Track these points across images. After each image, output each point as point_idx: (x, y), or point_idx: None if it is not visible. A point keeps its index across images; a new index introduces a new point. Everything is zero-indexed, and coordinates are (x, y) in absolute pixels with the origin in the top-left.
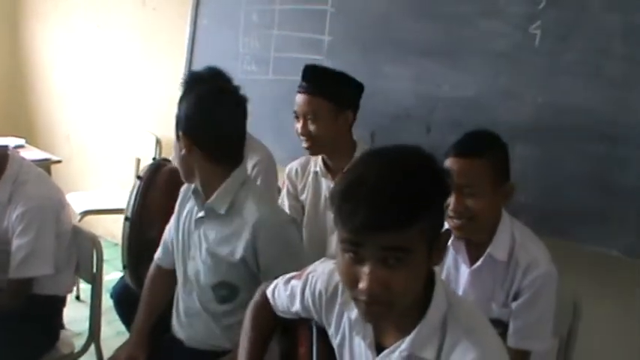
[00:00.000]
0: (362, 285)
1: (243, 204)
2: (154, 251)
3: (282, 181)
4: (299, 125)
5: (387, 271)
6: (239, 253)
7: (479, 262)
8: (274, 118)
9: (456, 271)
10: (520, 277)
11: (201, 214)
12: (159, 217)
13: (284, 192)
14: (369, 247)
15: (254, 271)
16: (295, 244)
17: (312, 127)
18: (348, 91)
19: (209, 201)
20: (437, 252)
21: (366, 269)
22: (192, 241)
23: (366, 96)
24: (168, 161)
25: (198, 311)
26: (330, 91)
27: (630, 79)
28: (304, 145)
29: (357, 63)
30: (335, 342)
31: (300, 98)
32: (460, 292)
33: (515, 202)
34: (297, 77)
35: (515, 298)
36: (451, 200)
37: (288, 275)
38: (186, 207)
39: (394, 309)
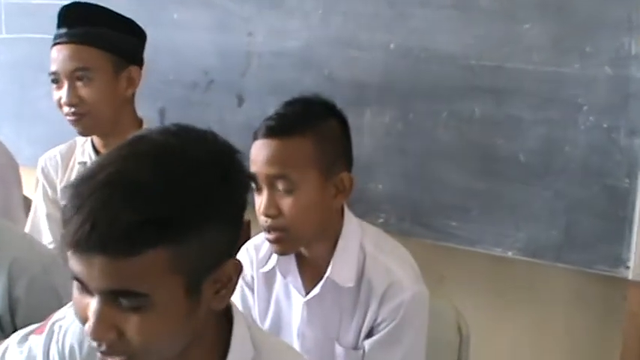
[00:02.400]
0: None
1: None
2: None
3: (36, 182)
4: (62, 92)
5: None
6: None
7: (316, 290)
8: (11, 98)
9: (288, 301)
10: (376, 307)
11: None
12: None
13: (38, 197)
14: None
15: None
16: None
17: (84, 91)
18: (130, 39)
19: None
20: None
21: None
22: None
23: (150, 56)
24: None
25: None
26: (105, 37)
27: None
28: (71, 118)
29: (131, 6)
30: None
31: (60, 53)
32: (293, 330)
33: (366, 195)
34: (42, 34)
35: (369, 335)
36: (261, 200)
37: (24, 331)
38: None
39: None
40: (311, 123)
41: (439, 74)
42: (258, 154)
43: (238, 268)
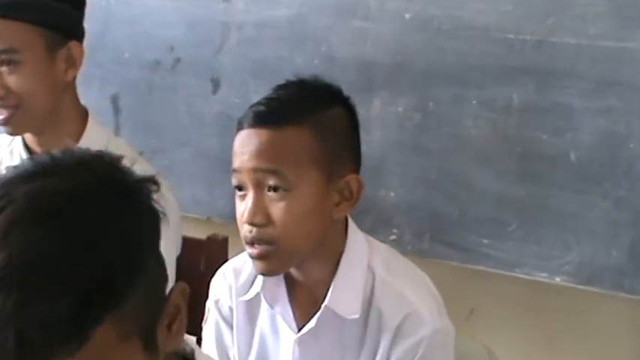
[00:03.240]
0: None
1: None
2: None
3: None
4: None
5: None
6: None
7: (312, 323)
8: None
9: (275, 337)
10: (388, 344)
11: None
12: None
13: None
14: None
15: None
16: None
17: (11, 79)
18: (66, 7)
19: None
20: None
21: None
22: None
23: (97, 27)
24: None
25: None
26: (34, 7)
27: None
28: None
29: None
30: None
31: None
32: None
33: (375, 205)
34: None
35: None
36: (244, 205)
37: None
38: None
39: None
40: (311, 110)
41: (467, 52)
42: (244, 146)
43: (184, 292)
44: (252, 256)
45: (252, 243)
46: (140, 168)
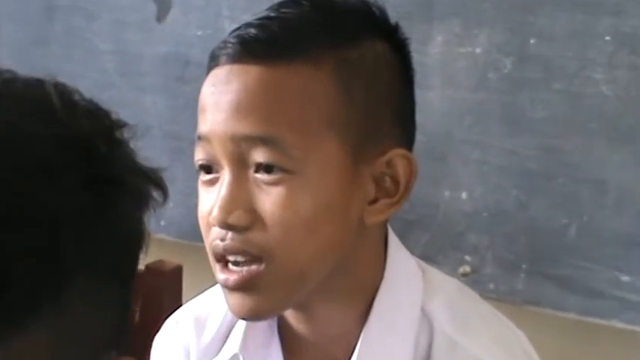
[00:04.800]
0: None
1: None
2: None
3: None
4: None
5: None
6: None
7: None
8: None
9: None
10: None
11: None
12: None
13: None
14: None
15: None
16: None
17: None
18: None
19: None
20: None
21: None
22: None
23: None
24: None
25: None
26: None
27: None
28: None
29: None
30: None
31: None
32: None
33: (432, 214)
34: None
35: None
36: (216, 193)
37: None
38: None
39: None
40: (333, 41)
41: None
42: (219, 95)
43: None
44: (225, 285)
45: (225, 259)
46: None
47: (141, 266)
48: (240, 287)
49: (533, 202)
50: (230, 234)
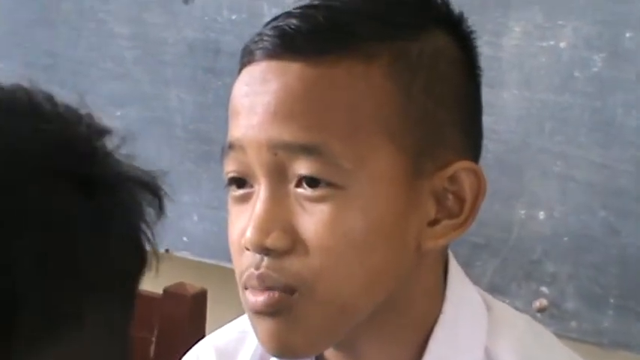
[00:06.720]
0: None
1: None
2: None
3: None
4: None
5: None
6: None
7: None
8: None
9: None
10: None
11: None
12: None
13: None
14: None
15: None
16: None
17: None
18: None
19: None
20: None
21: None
22: None
23: None
24: None
25: None
26: None
27: None
28: None
29: None
30: None
31: None
32: None
33: (502, 238)
34: None
35: None
36: (250, 212)
37: None
38: None
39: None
40: (387, 33)
41: None
42: (254, 97)
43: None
44: (253, 309)
45: (259, 287)
46: None
47: (158, 289)
48: (271, 311)
49: (626, 225)
50: (266, 260)
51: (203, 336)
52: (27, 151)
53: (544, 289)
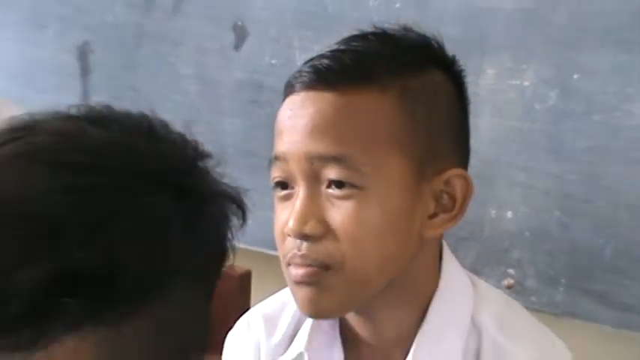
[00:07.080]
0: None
1: None
2: None
3: None
4: None
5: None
6: None
7: None
8: None
9: None
10: None
11: None
12: None
13: None
14: None
15: None
16: None
17: None
18: None
19: None
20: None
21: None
22: None
23: None
24: None
25: None
26: None
27: None
28: None
29: None
30: None
31: None
32: None
33: (480, 231)
34: None
35: None
36: (290, 208)
37: None
38: None
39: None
40: (399, 70)
41: None
42: (295, 119)
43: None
44: (296, 281)
45: (300, 264)
46: None
47: None
48: (308, 281)
49: (574, 223)
50: (305, 244)
51: (248, 308)
52: (142, 165)
53: (511, 271)
